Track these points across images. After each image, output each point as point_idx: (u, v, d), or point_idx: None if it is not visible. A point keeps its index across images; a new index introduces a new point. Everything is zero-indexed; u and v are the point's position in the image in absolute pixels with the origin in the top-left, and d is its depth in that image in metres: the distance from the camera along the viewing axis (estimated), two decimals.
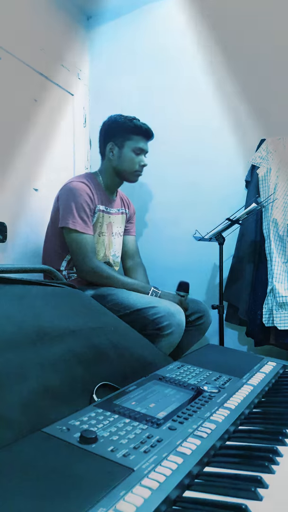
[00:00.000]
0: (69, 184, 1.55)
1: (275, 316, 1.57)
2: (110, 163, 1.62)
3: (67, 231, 1.49)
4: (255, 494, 0.42)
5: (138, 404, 0.63)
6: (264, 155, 1.72)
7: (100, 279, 1.49)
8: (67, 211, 1.49)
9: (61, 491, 0.40)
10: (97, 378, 0.71)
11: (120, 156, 1.60)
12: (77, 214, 1.48)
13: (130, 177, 1.64)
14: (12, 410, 0.56)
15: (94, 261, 1.49)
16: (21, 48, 1.80)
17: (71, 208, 1.48)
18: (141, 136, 1.59)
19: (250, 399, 0.70)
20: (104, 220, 1.62)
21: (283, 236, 1.60)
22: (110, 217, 1.65)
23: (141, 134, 1.59)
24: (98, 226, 1.60)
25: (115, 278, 1.49)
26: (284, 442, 0.55)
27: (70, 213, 1.48)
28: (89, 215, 1.52)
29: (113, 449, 0.48)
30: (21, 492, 0.39)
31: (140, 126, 1.59)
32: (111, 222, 1.66)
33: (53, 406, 0.61)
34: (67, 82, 2.12)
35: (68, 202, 1.50)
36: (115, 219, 1.69)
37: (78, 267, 1.52)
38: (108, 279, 1.48)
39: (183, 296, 1.54)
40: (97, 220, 1.59)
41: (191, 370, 0.84)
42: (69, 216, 1.48)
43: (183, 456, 0.48)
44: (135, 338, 0.99)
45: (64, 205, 1.51)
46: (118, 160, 1.60)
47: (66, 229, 1.49)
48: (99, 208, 1.58)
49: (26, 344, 0.69)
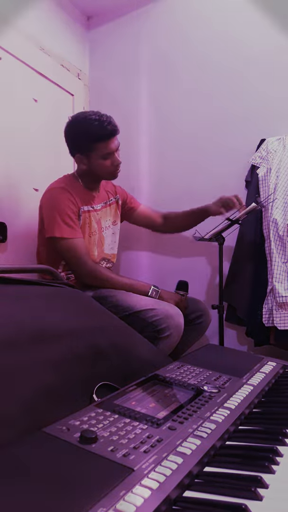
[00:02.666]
0: (49, 191, 1.53)
1: (275, 316, 1.57)
2: (85, 169, 1.56)
3: (56, 240, 1.46)
4: (255, 494, 0.42)
5: (138, 404, 0.63)
6: (264, 155, 1.72)
7: (98, 281, 1.48)
8: (52, 220, 1.46)
9: (61, 491, 0.40)
10: (97, 378, 0.71)
11: (91, 164, 1.52)
12: (62, 221, 1.45)
13: (107, 177, 1.59)
14: (12, 410, 0.56)
15: (89, 264, 1.47)
16: (21, 48, 1.80)
17: (55, 217, 1.45)
18: (105, 141, 1.47)
19: (250, 399, 0.70)
20: (93, 219, 1.58)
21: (283, 236, 1.60)
22: (98, 213, 1.61)
23: (104, 139, 1.46)
24: (87, 227, 1.57)
25: (113, 280, 1.49)
26: (284, 442, 0.55)
27: (55, 222, 1.45)
28: (74, 218, 1.49)
29: (113, 449, 0.48)
30: (21, 492, 0.39)
31: (99, 131, 1.45)
32: (100, 218, 1.62)
33: (53, 406, 0.61)
34: (67, 82, 2.12)
35: (51, 212, 1.47)
36: (103, 214, 1.64)
37: (75, 273, 1.52)
38: (107, 280, 1.48)
39: (183, 295, 1.54)
40: (84, 222, 1.55)
41: (191, 370, 0.84)
42: (54, 225, 1.45)
43: (183, 456, 0.48)
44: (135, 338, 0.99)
45: (47, 215, 1.49)
46: (91, 167, 1.53)
47: (54, 239, 1.46)
48: (83, 209, 1.54)
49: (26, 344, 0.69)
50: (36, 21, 1.91)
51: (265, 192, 1.68)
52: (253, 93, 1.83)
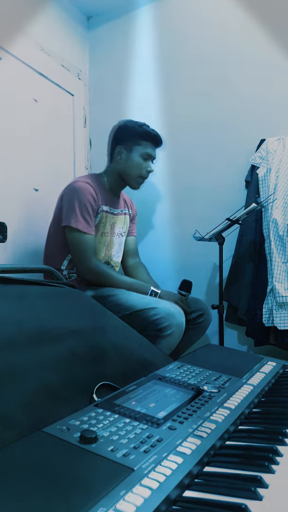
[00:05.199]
0: (73, 183, 1.56)
1: (275, 316, 1.57)
2: (117, 166, 1.63)
3: (69, 230, 1.50)
4: (255, 494, 0.42)
5: (138, 404, 0.63)
6: (264, 155, 1.72)
7: (99, 278, 1.49)
8: (70, 210, 1.49)
9: (61, 491, 0.40)
10: (97, 378, 0.71)
11: (128, 159, 1.61)
12: (80, 214, 1.49)
13: (133, 182, 1.64)
14: (12, 410, 0.56)
15: (93, 261, 1.49)
16: (21, 48, 1.80)
17: (74, 207, 1.49)
18: (149, 142, 1.62)
19: (250, 399, 0.70)
20: (108, 221, 1.63)
21: (283, 236, 1.60)
22: (114, 217, 1.66)
23: (150, 140, 1.62)
24: (101, 226, 1.60)
25: (114, 278, 1.49)
26: (284, 442, 0.55)
27: (73, 212, 1.48)
28: (92, 215, 1.52)
29: (113, 449, 0.48)
30: (21, 492, 0.39)
31: (149, 132, 1.62)
32: (114, 222, 1.67)
33: (53, 406, 0.61)
34: (67, 82, 2.12)
35: (71, 202, 1.50)
36: (118, 220, 1.69)
37: (77, 266, 1.53)
38: (108, 278, 1.49)
39: (185, 295, 1.54)
40: (100, 221, 1.59)
41: (191, 370, 0.84)
42: (72, 215, 1.48)
43: (183, 456, 0.48)
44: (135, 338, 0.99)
45: (68, 204, 1.51)
46: (125, 163, 1.61)
47: (68, 228, 1.49)
48: (102, 209, 1.58)
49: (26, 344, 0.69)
50: (36, 21, 1.91)
51: (265, 192, 1.68)
52: (253, 93, 1.83)
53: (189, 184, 1.99)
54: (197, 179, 1.97)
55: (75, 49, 2.21)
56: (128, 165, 1.61)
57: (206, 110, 1.95)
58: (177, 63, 2.02)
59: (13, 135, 1.76)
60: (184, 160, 2.01)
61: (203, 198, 1.95)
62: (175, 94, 2.03)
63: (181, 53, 2.01)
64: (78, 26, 2.23)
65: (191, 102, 1.99)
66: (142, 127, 1.62)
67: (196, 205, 1.96)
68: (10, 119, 1.75)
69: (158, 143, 1.65)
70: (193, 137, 1.99)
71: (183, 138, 2.01)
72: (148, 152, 1.61)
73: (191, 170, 1.99)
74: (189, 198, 1.99)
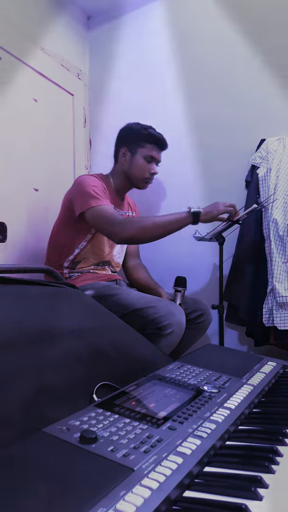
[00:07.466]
0: (81, 176, 1.58)
1: (275, 316, 1.57)
2: (122, 167, 1.65)
3: (90, 211, 1.44)
4: (255, 494, 0.42)
5: (138, 404, 0.63)
6: (264, 155, 1.72)
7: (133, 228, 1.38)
8: (86, 195, 1.47)
9: (61, 491, 0.40)
10: (97, 378, 0.71)
11: (132, 161, 1.63)
12: (95, 193, 1.47)
13: (139, 183, 1.66)
14: (12, 410, 0.56)
15: (119, 218, 1.41)
16: (21, 48, 1.80)
17: (89, 191, 1.47)
18: (154, 145, 1.64)
19: (250, 399, 0.70)
20: None
21: (283, 236, 1.60)
22: None
23: (155, 143, 1.64)
24: None
25: (145, 220, 1.41)
26: (284, 442, 0.55)
27: (89, 195, 1.46)
28: (106, 195, 1.52)
29: (113, 449, 0.47)
30: (21, 492, 0.39)
31: (154, 135, 1.63)
32: None
33: (53, 406, 0.61)
34: (67, 82, 2.12)
35: (84, 188, 1.49)
36: None
37: (110, 234, 1.45)
38: (140, 222, 1.40)
39: (180, 291, 1.53)
40: None
41: (191, 370, 0.84)
42: (89, 198, 1.45)
43: (183, 456, 0.48)
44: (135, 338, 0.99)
45: (80, 191, 1.50)
46: (130, 165, 1.63)
47: (90, 210, 1.44)
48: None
49: (26, 344, 0.69)
50: (36, 21, 1.91)
51: (265, 192, 1.68)
52: (253, 93, 1.83)
53: (189, 184, 1.99)
54: (197, 179, 1.97)
55: (75, 48, 2.21)
56: (132, 167, 1.62)
57: (206, 110, 1.94)
58: (177, 63, 2.02)
59: (13, 135, 1.76)
60: (184, 160, 2.00)
61: (203, 198, 1.95)
62: (175, 93, 2.03)
63: (181, 53, 2.01)
64: (78, 26, 2.23)
65: (191, 102, 1.99)
66: (147, 129, 1.63)
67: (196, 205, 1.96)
68: (10, 119, 1.75)
69: (163, 146, 1.66)
70: (193, 136, 1.98)
71: (182, 138, 2.01)
72: (152, 155, 1.62)
73: (191, 170, 1.99)
74: (189, 198, 1.99)
